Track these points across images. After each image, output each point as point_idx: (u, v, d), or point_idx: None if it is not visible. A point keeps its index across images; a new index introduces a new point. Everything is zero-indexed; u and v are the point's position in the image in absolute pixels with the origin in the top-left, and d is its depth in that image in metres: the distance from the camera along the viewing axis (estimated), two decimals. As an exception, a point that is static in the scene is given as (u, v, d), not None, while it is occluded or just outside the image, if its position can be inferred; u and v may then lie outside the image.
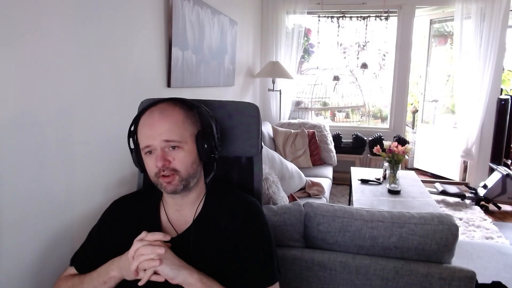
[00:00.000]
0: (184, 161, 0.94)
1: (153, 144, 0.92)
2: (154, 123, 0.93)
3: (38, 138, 1.18)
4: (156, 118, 0.93)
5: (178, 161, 0.93)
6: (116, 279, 0.91)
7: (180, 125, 0.94)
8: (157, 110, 0.95)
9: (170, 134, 0.92)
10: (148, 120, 0.94)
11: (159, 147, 0.92)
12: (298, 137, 3.86)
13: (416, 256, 1.32)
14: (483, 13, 3.90)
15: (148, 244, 0.85)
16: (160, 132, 0.92)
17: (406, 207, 2.58)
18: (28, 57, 1.12)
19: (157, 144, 0.92)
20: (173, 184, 0.93)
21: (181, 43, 2.19)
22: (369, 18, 4.51)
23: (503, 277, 1.70)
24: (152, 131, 0.92)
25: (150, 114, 0.95)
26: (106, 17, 1.50)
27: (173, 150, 0.93)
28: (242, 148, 1.16)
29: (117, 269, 0.91)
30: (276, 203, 2.03)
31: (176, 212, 1.01)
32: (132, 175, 1.70)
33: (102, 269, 0.94)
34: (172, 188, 0.93)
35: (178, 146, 0.93)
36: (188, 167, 0.94)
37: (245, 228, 0.98)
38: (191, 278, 0.86)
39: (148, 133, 0.93)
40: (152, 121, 0.93)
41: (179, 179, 0.93)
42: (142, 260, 0.84)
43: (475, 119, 4.11)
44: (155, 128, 0.92)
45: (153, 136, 0.92)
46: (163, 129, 0.92)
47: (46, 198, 1.23)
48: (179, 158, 0.93)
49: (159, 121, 0.93)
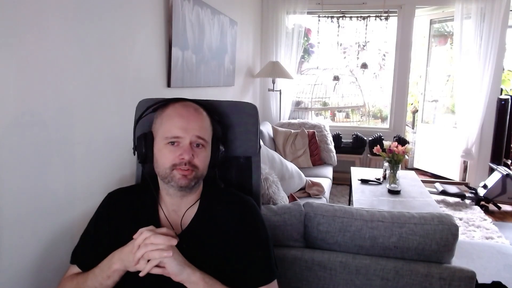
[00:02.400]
0: (204, 160, 0.96)
1: (184, 137, 0.92)
2: (190, 116, 0.94)
3: (38, 138, 1.18)
4: (191, 112, 0.95)
5: (199, 159, 0.94)
6: (119, 271, 0.90)
7: (208, 126, 0.98)
8: (191, 105, 0.97)
9: (201, 131, 0.94)
10: (183, 112, 0.94)
11: (190, 140, 0.93)
12: (298, 137, 3.86)
13: (416, 256, 1.32)
14: (483, 13, 3.91)
15: (160, 234, 0.84)
16: (194, 127, 0.93)
17: (406, 207, 2.58)
18: (28, 57, 1.12)
19: (188, 138, 0.92)
20: (188, 178, 0.93)
21: (181, 43, 2.19)
22: (369, 18, 4.51)
23: (503, 277, 1.70)
24: (186, 123, 0.93)
25: (184, 107, 0.96)
26: (106, 17, 1.50)
27: (197, 147, 0.94)
28: (240, 147, 1.16)
29: (119, 262, 0.89)
30: (276, 203, 2.03)
31: (173, 213, 1.00)
32: (132, 175, 1.70)
33: (104, 263, 0.92)
34: (185, 182, 0.93)
35: (203, 145, 0.95)
36: (205, 167, 0.97)
37: (241, 226, 0.98)
38: (194, 277, 0.86)
39: (180, 124, 0.93)
40: (188, 114, 0.94)
41: (195, 175, 0.94)
42: (150, 249, 0.82)
43: (475, 119, 4.11)
44: (190, 121, 0.93)
45: (186, 128, 0.92)
46: (197, 124, 0.94)
47: (46, 198, 1.23)
48: (201, 156, 0.95)
49: (194, 116, 0.94)
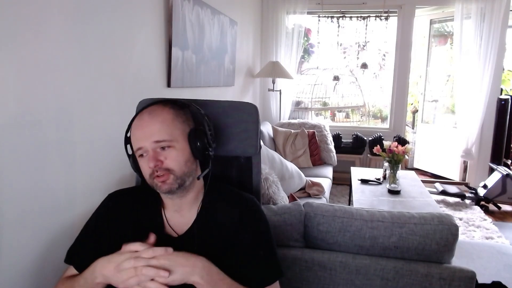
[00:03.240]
0: (177, 159, 0.93)
1: (144, 146, 0.92)
2: (143, 125, 0.93)
3: (38, 137, 1.18)
4: (145, 119, 0.93)
5: (170, 160, 0.92)
6: (102, 285, 0.89)
7: (169, 124, 0.93)
8: (146, 112, 0.95)
9: (159, 134, 0.91)
10: (138, 122, 0.94)
11: (150, 148, 0.91)
12: (298, 137, 3.86)
13: (416, 256, 1.32)
14: (483, 13, 3.90)
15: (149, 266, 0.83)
16: (150, 133, 0.91)
17: (406, 207, 2.58)
18: (28, 57, 1.12)
19: (148, 146, 0.91)
20: (168, 183, 0.92)
21: (181, 43, 2.19)
22: (369, 18, 4.51)
23: (503, 277, 1.70)
24: (142, 133, 0.92)
25: (140, 116, 0.95)
26: (106, 17, 1.50)
27: (164, 150, 0.92)
28: (240, 147, 1.16)
29: (101, 277, 0.88)
30: (276, 203, 2.03)
31: (176, 213, 1.01)
32: (132, 175, 1.70)
33: (86, 274, 0.91)
34: (167, 187, 0.92)
35: (169, 145, 0.92)
36: (182, 165, 0.94)
37: (244, 226, 0.98)
38: (200, 280, 0.86)
39: (138, 135, 0.93)
40: (142, 123, 0.93)
41: (174, 177, 0.92)
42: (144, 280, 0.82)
43: (475, 119, 4.11)
44: (144, 129, 0.92)
45: (143, 137, 0.92)
46: (152, 129, 0.92)
47: (46, 198, 1.23)
48: (171, 157, 0.92)
49: (148, 122, 0.93)
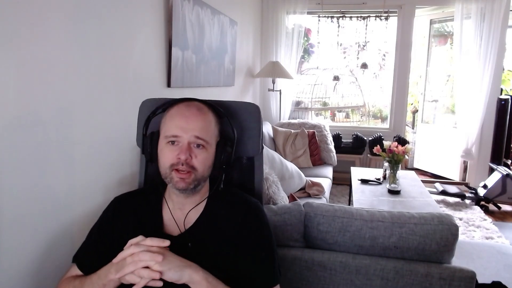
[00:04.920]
0: (204, 161, 0.95)
1: (183, 136, 0.93)
2: (190, 116, 0.94)
3: (39, 138, 1.18)
4: (193, 112, 0.95)
5: (199, 160, 0.94)
6: (115, 281, 0.90)
7: (212, 127, 0.97)
8: (194, 105, 0.97)
9: (202, 132, 0.94)
10: (185, 112, 0.95)
11: (188, 140, 0.93)
12: (298, 137, 3.86)
13: (416, 256, 1.32)
14: (483, 13, 3.90)
15: (146, 250, 0.83)
16: (193, 127, 0.93)
17: (406, 207, 2.58)
18: (28, 57, 1.12)
19: (186, 137, 0.93)
20: (187, 182, 0.93)
21: (181, 43, 2.19)
22: (369, 18, 4.51)
23: (503, 277, 1.71)
24: (186, 123, 0.93)
25: (187, 106, 0.96)
26: (106, 17, 1.50)
27: (197, 148, 0.94)
28: (243, 148, 1.16)
29: (115, 272, 0.89)
30: (276, 203, 2.03)
31: (179, 211, 1.01)
32: (132, 175, 1.70)
33: (102, 271, 0.92)
34: (184, 186, 0.93)
35: (204, 146, 0.95)
36: (206, 168, 0.96)
37: (246, 229, 0.98)
38: (197, 276, 0.85)
39: (180, 124, 0.94)
40: (189, 114, 0.95)
41: (194, 178, 0.94)
42: (140, 266, 0.82)
43: (475, 119, 4.11)
44: (189, 121, 0.94)
45: (185, 128, 0.93)
46: (197, 125, 0.94)
47: (46, 198, 1.23)
48: (201, 157, 0.94)
49: (195, 116, 0.95)
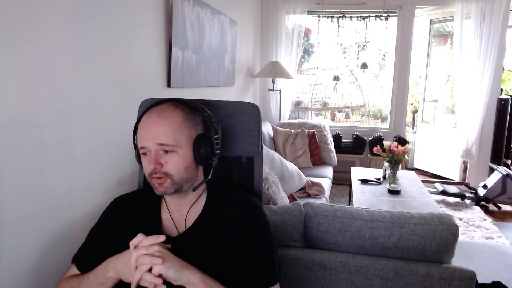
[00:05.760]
0: (177, 165, 0.92)
1: (147, 146, 0.91)
2: (150, 124, 0.92)
3: (38, 138, 1.18)
4: (153, 119, 0.92)
5: (170, 165, 0.91)
6: (113, 279, 0.91)
7: (176, 129, 0.92)
8: (156, 111, 0.94)
9: (164, 138, 0.90)
10: (146, 121, 0.93)
11: (153, 149, 0.91)
12: (298, 137, 3.86)
13: (416, 256, 1.32)
14: (483, 13, 3.91)
15: (146, 253, 0.84)
16: (155, 135, 0.90)
17: (406, 207, 2.58)
18: (28, 57, 1.12)
19: (151, 146, 0.91)
20: (164, 186, 0.92)
21: (181, 43, 2.19)
22: (369, 18, 4.51)
23: (503, 277, 1.71)
24: (147, 132, 0.92)
25: (149, 114, 0.94)
26: (106, 17, 1.50)
27: (167, 153, 0.92)
28: (242, 148, 1.16)
29: (113, 271, 0.90)
30: (276, 203, 2.03)
31: (176, 212, 1.01)
32: (132, 175, 1.70)
33: (98, 270, 0.93)
34: (162, 190, 0.92)
35: (172, 150, 0.91)
36: (181, 171, 0.93)
37: (246, 229, 0.98)
38: (194, 278, 0.86)
39: (143, 134, 0.92)
40: (149, 122, 0.92)
41: (171, 182, 0.92)
42: (144, 271, 0.83)
43: (475, 119, 4.11)
44: (150, 129, 0.91)
45: (148, 137, 0.91)
46: (158, 131, 0.91)
47: (46, 198, 1.23)
48: (172, 162, 0.92)
49: (155, 123, 0.92)
